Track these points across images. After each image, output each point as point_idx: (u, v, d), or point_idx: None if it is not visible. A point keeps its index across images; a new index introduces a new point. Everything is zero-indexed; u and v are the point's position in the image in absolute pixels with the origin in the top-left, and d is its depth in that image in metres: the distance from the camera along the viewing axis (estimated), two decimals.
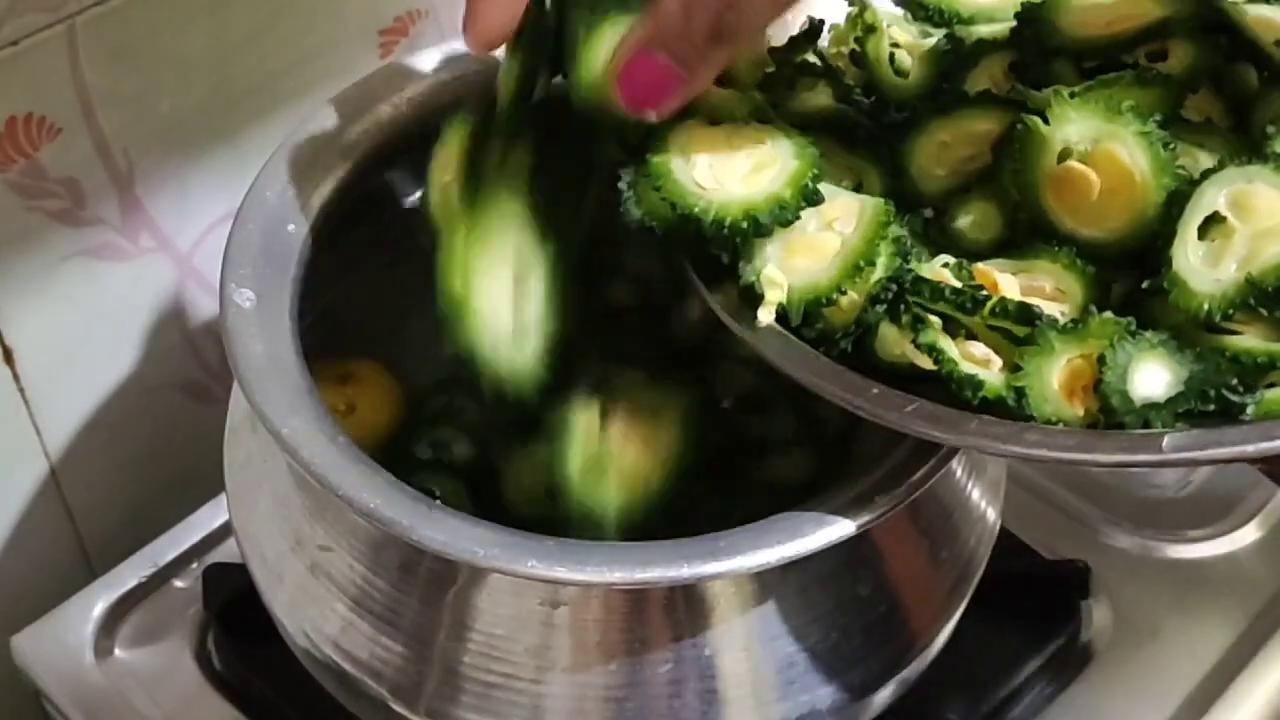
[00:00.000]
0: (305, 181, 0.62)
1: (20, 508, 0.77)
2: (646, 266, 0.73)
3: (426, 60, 0.67)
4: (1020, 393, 0.50)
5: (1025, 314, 0.51)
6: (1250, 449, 0.47)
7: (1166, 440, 0.48)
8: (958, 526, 0.62)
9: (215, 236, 0.76)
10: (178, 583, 0.76)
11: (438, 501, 0.54)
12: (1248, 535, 0.79)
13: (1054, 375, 0.50)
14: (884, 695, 0.60)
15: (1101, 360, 0.49)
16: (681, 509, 0.64)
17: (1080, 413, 0.50)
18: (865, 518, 0.52)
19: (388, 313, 0.71)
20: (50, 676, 0.72)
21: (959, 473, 0.62)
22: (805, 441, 0.67)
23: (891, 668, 0.59)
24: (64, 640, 0.73)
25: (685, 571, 0.51)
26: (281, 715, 0.70)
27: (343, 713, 0.61)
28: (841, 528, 0.52)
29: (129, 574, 0.75)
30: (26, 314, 0.72)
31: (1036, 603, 0.73)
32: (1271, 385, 0.50)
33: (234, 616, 0.72)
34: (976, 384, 0.50)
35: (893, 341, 0.53)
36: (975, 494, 0.63)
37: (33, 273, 0.71)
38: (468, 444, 0.68)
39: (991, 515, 0.64)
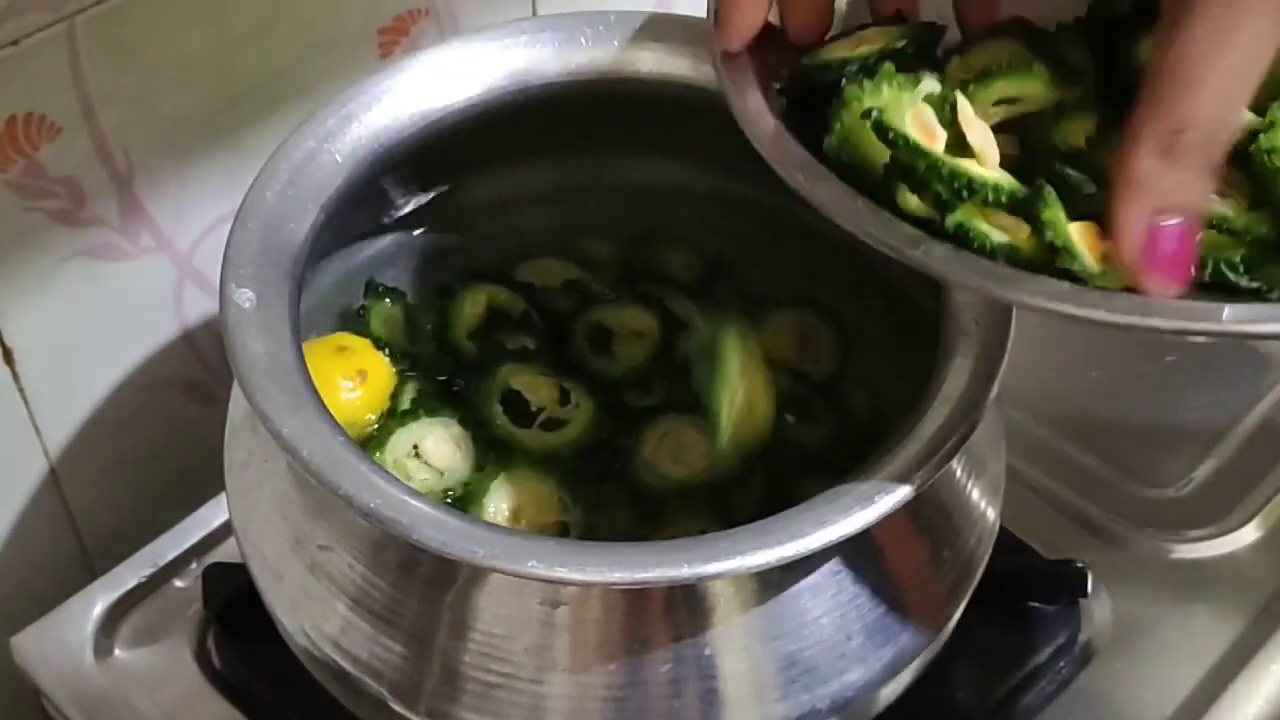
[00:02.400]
0: (305, 181, 0.62)
1: (20, 508, 0.77)
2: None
3: (426, 60, 0.67)
4: (1058, 249, 0.49)
5: (1017, 199, 0.51)
6: None
7: (1227, 311, 0.47)
8: (958, 526, 0.62)
9: (215, 236, 0.76)
10: (178, 583, 0.76)
11: None
12: (1248, 535, 0.78)
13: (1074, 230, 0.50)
14: (884, 695, 0.60)
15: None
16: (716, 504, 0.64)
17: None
18: (865, 517, 0.52)
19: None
20: (50, 676, 0.72)
21: (959, 472, 0.62)
22: (838, 434, 0.67)
23: (891, 667, 0.59)
24: (64, 640, 0.73)
25: (685, 571, 0.51)
26: (281, 715, 0.70)
27: (343, 713, 0.61)
28: (841, 528, 0.52)
29: (129, 574, 0.75)
30: (26, 314, 0.72)
31: (1036, 603, 0.73)
32: None
33: (234, 616, 0.72)
34: (1012, 250, 0.50)
35: (916, 207, 0.52)
36: (975, 494, 0.63)
37: (33, 273, 0.71)
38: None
39: (991, 515, 0.64)
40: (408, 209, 0.73)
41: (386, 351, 0.68)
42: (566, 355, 0.70)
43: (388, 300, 0.71)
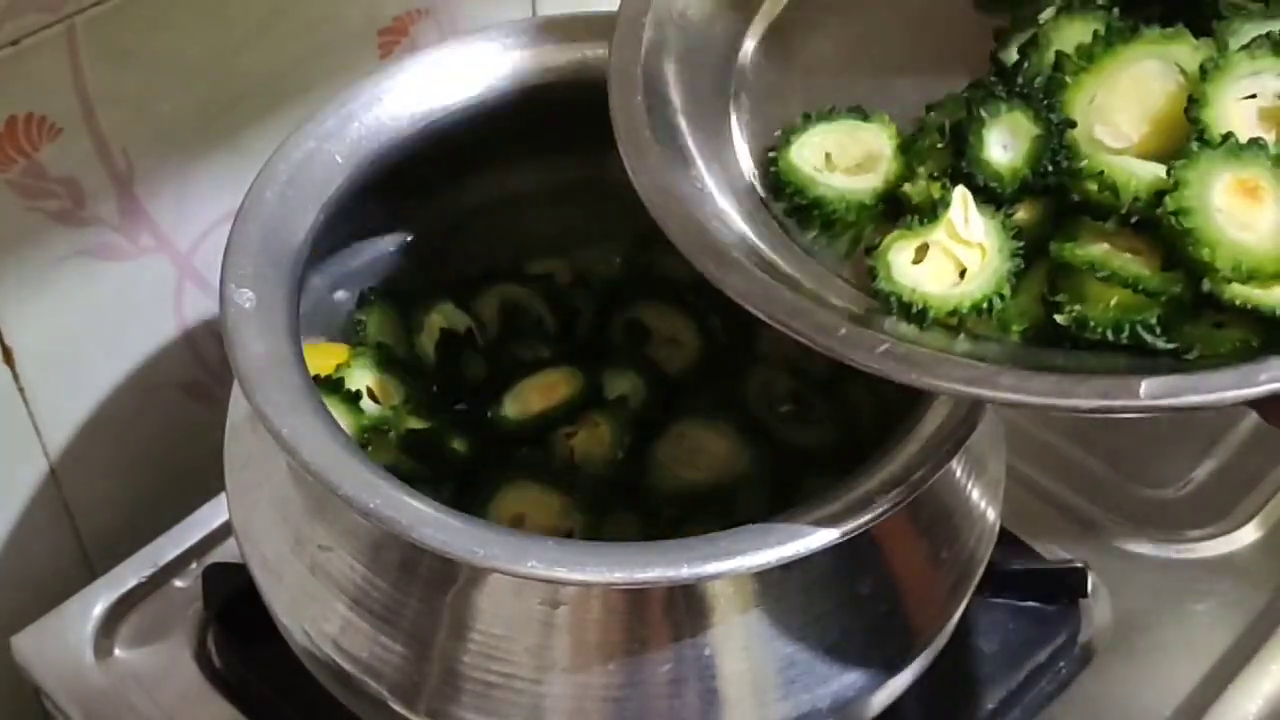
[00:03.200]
0: (305, 181, 0.62)
1: (20, 508, 0.77)
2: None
3: (426, 60, 0.67)
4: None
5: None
6: (1229, 395, 0.46)
7: (1144, 386, 0.47)
8: (958, 526, 0.62)
9: (215, 236, 0.76)
10: (178, 583, 0.76)
11: None
12: (1248, 535, 0.78)
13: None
14: (884, 695, 0.60)
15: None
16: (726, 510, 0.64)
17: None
18: (865, 518, 0.52)
19: None
20: (50, 676, 0.72)
21: (959, 473, 0.62)
22: (838, 434, 0.67)
23: (891, 667, 0.59)
24: (64, 640, 0.73)
25: (685, 571, 0.51)
26: (281, 715, 0.70)
27: (343, 713, 0.61)
28: (841, 528, 0.52)
29: (129, 574, 0.75)
30: (26, 314, 0.72)
31: (1036, 603, 0.73)
32: (1219, 325, 0.49)
33: (234, 616, 0.72)
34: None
35: None
36: (975, 494, 0.63)
37: (32, 273, 0.71)
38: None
39: (991, 515, 0.64)
40: (408, 209, 0.73)
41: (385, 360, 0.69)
42: (582, 355, 0.70)
43: (381, 309, 0.71)
